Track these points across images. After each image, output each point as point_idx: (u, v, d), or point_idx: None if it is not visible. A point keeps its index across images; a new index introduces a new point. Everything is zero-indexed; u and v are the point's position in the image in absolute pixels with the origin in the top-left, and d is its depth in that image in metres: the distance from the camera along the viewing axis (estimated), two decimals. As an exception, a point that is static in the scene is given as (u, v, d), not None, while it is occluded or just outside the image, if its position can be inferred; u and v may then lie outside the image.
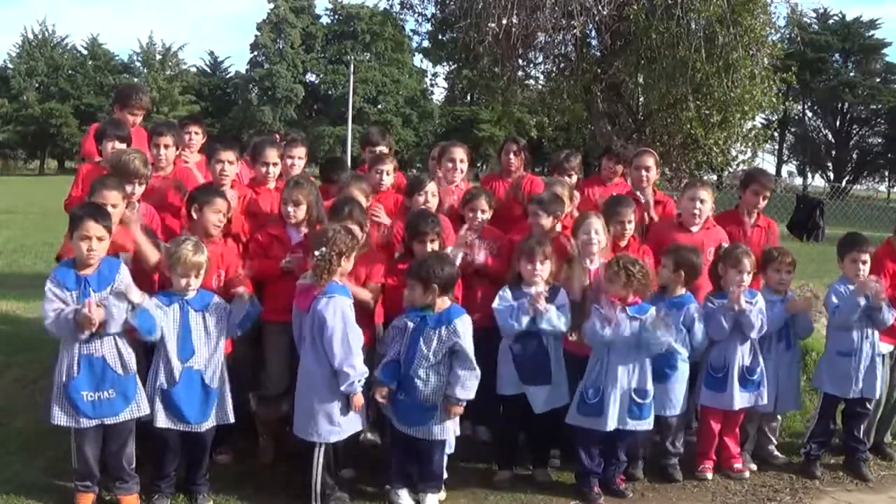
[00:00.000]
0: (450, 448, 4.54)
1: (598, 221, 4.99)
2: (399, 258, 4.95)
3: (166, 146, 5.22)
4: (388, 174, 5.58)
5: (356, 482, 4.72)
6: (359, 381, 4.24)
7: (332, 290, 4.28)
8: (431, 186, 5.28)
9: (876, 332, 5.21)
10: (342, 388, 4.22)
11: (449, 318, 4.38)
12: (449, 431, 4.45)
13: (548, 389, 4.75)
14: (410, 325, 4.40)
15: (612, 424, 4.67)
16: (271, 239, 4.88)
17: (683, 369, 4.94)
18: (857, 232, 5.57)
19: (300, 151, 5.66)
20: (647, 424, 4.78)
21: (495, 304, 4.73)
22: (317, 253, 4.29)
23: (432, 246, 4.76)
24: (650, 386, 4.74)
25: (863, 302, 5.03)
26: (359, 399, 4.28)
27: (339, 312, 4.23)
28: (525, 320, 4.65)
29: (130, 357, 4.20)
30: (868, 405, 5.34)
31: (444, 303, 4.43)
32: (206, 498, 4.42)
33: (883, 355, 5.38)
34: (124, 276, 4.19)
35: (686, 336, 4.93)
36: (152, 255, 4.50)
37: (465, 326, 4.40)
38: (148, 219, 4.83)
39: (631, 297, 4.71)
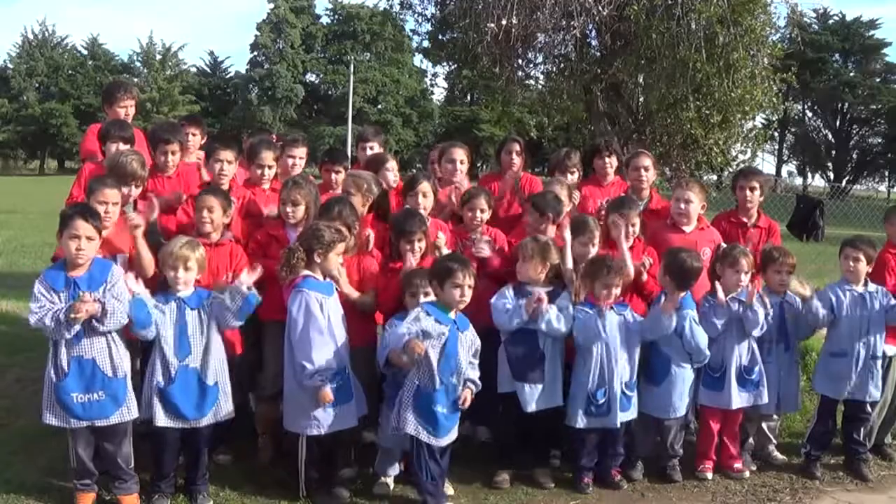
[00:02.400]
0: None
1: (596, 231, 5.02)
2: (390, 259, 4.92)
3: (173, 153, 5.22)
4: (391, 172, 5.60)
5: (353, 483, 4.72)
6: (318, 375, 4.23)
7: (303, 285, 4.31)
8: (424, 186, 5.22)
9: (873, 334, 5.19)
10: (304, 383, 4.26)
11: (466, 320, 4.48)
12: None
13: (540, 389, 4.76)
14: (446, 332, 4.35)
15: (619, 421, 4.79)
16: (269, 239, 4.88)
17: (681, 373, 4.96)
18: (862, 234, 5.56)
19: (301, 151, 5.65)
20: (631, 415, 4.89)
21: (493, 299, 4.74)
22: (287, 247, 4.35)
23: (419, 245, 4.76)
24: (635, 379, 4.88)
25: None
26: (325, 395, 4.26)
27: (302, 306, 4.26)
28: (516, 322, 4.67)
29: (122, 360, 4.18)
30: (868, 409, 5.33)
31: None
32: (206, 498, 4.42)
33: (889, 358, 5.39)
34: (116, 278, 4.18)
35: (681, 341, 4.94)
36: (149, 266, 4.48)
37: None
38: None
39: (617, 294, 4.82)
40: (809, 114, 61.48)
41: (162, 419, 4.24)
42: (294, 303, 4.29)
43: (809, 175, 62.37)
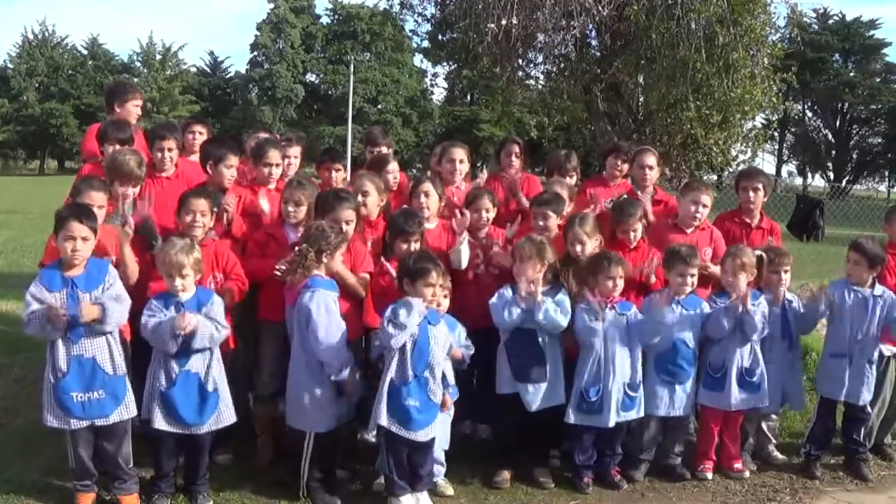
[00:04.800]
0: (445, 443, 4.58)
1: (583, 233, 4.95)
2: (385, 258, 4.90)
3: (169, 150, 5.21)
4: (391, 174, 5.61)
5: (353, 483, 4.73)
6: (343, 369, 4.32)
7: (316, 284, 4.34)
8: (425, 186, 5.23)
9: (872, 338, 5.17)
10: (333, 378, 4.31)
11: (437, 315, 4.45)
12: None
13: (542, 388, 4.75)
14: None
15: (613, 421, 4.76)
16: (268, 238, 4.88)
17: (679, 373, 4.98)
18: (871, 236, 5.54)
19: (295, 150, 5.65)
20: (634, 414, 4.88)
21: (492, 300, 4.74)
22: (297, 248, 4.37)
23: (415, 246, 4.76)
24: (640, 378, 4.87)
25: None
26: (348, 385, 4.38)
27: (322, 305, 4.29)
28: (517, 312, 4.65)
29: (121, 357, 4.19)
30: (868, 409, 5.33)
31: None
32: (206, 498, 4.42)
33: (888, 357, 5.39)
34: (114, 278, 4.18)
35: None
36: (133, 274, 4.48)
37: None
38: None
39: (616, 294, 4.81)
40: (809, 114, 61.55)
41: (161, 422, 4.22)
42: (312, 303, 4.29)
43: (809, 175, 62.46)
